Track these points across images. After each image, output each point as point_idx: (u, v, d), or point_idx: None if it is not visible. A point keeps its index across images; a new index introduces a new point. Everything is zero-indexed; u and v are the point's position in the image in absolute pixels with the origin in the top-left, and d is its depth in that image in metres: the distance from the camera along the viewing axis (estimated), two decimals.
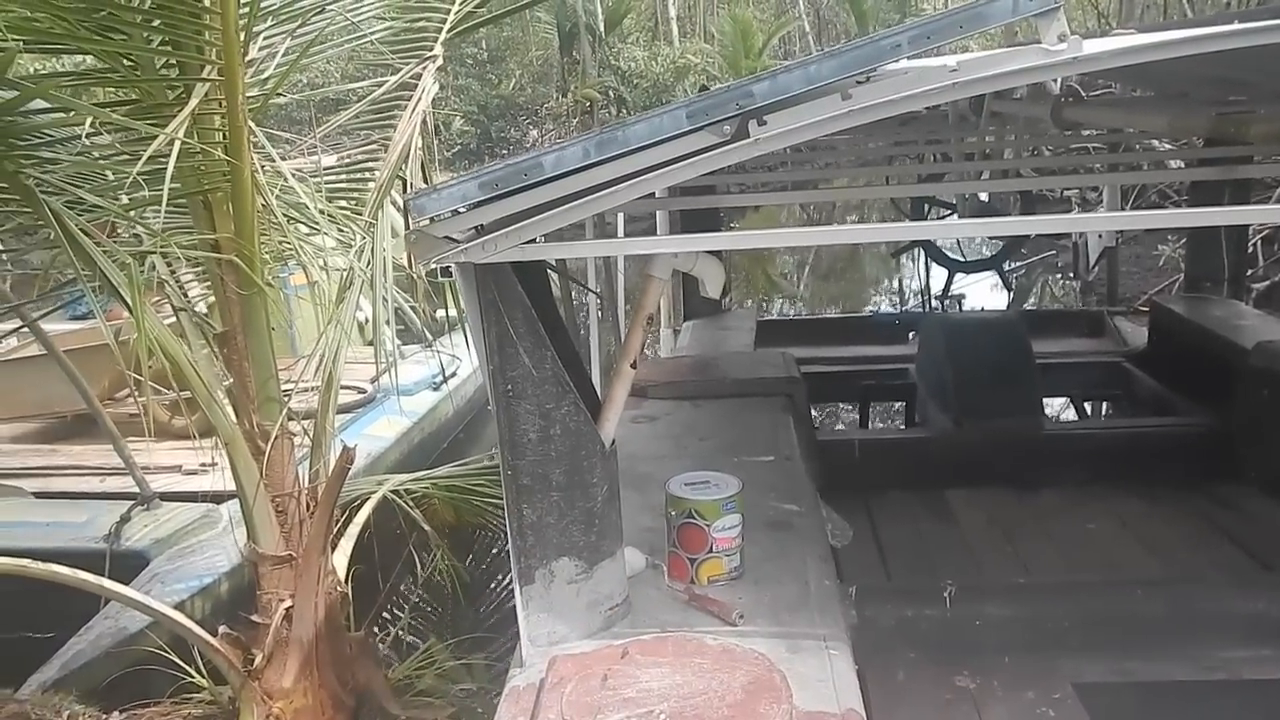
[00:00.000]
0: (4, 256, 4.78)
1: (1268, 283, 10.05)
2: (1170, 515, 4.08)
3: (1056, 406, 6.55)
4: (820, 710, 1.97)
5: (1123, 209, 8.14)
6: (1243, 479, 4.18)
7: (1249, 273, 9.36)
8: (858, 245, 16.34)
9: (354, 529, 3.74)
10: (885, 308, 13.49)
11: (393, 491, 4.42)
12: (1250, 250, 9.90)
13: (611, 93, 23.05)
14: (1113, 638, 3.08)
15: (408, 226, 3.04)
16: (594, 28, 23.91)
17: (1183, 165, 4.95)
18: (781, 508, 2.94)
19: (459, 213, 1.93)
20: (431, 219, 1.91)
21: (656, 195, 3.97)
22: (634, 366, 2.36)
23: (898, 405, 6.66)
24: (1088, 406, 6.26)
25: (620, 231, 4.61)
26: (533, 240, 1.96)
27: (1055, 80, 4.45)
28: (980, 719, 2.89)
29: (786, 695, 1.94)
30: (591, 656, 2.12)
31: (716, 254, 2.75)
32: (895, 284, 15.27)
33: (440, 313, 6.95)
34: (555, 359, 2.15)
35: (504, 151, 19.94)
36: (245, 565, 4.33)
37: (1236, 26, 1.90)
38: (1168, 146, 6.02)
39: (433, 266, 1.96)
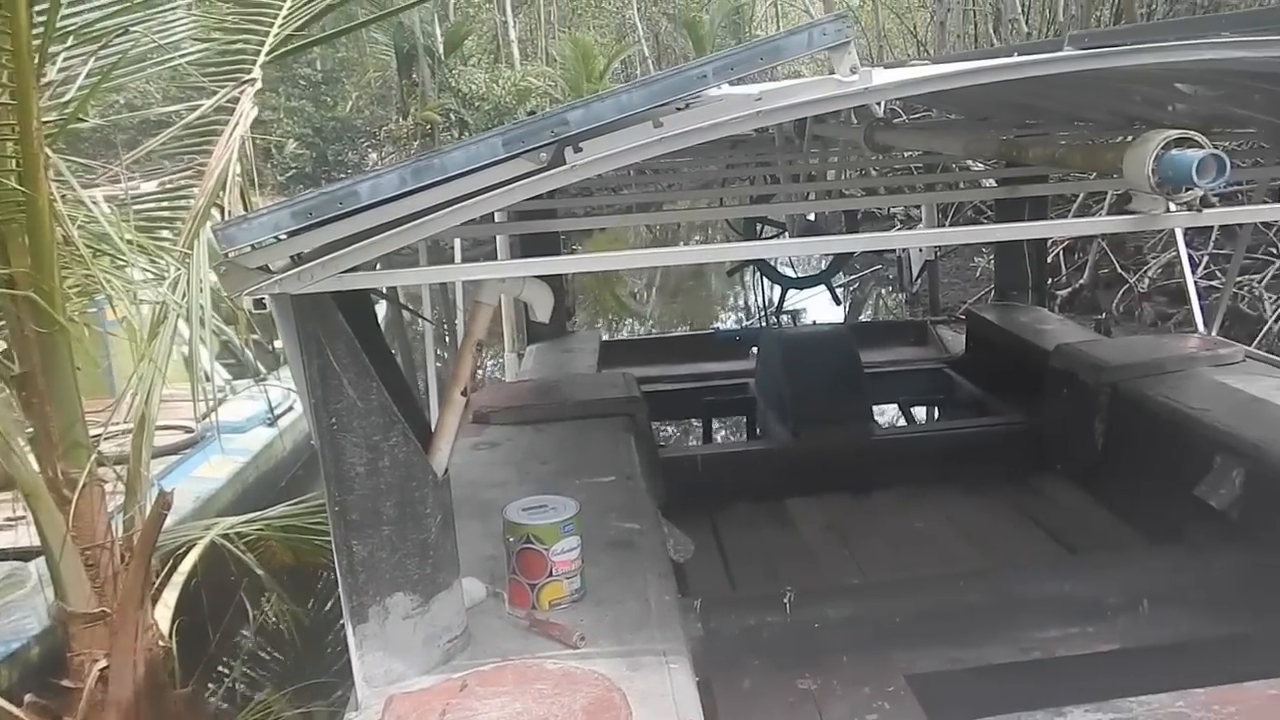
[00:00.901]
0: None
1: (1069, 289, 10.86)
2: (990, 508, 4.37)
3: (887, 413, 6.83)
4: None
5: (941, 225, 8.61)
6: (1051, 471, 4.52)
7: (1051, 281, 10.08)
8: (703, 264, 16.68)
9: (179, 578, 3.54)
10: (730, 324, 13.81)
11: (223, 535, 4.21)
12: (1052, 260, 10.65)
13: (453, 115, 22.87)
14: (941, 628, 3.25)
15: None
16: (433, 50, 23.70)
17: (993, 184, 5.29)
18: (622, 527, 2.95)
19: (277, 240, 1.87)
20: (250, 247, 1.84)
21: (496, 220, 3.96)
22: (465, 394, 2.33)
23: (739, 419, 6.79)
24: (916, 411, 6.56)
25: (458, 257, 4.56)
26: (353, 269, 1.91)
27: (880, 105, 4.70)
28: (821, 718, 2.99)
29: (626, 713, 1.95)
30: (429, 693, 2.07)
31: (556, 277, 2.76)
32: (740, 301, 15.66)
33: (274, 345, 6.73)
34: (382, 389, 2.10)
35: (341, 175, 19.46)
36: (55, 625, 4.06)
37: (1016, 60, 2.05)
38: (980, 167, 6.41)
39: (245, 299, 1.88)
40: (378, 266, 2.01)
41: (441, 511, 2.24)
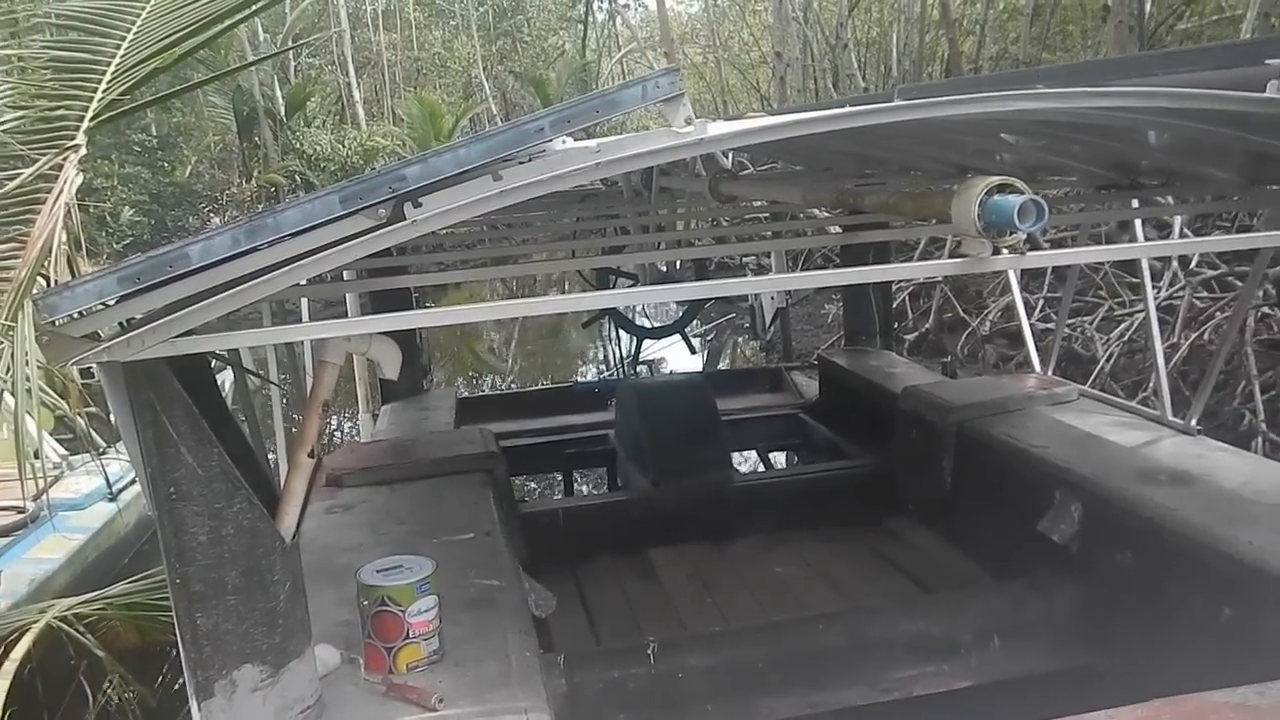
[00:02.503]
0: None
1: (916, 333, 11.36)
2: (846, 551, 4.45)
3: (747, 460, 6.97)
4: None
5: (790, 272, 8.90)
6: (904, 512, 4.62)
7: (898, 325, 10.51)
8: (563, 317, 16.73)
9: (10, 665, 3.32)
10: (591, 377, 13.86)
11: (60, 617, 3.97)
12: (898, 305, 11.15)
13: (298, 177, 22.44)
14: (801, 672, 3.31)
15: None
16: (274, 112, 23.25)
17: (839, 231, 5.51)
18: (482, 584, 2.93)
19: (106, 306, 1.82)
20: (70, 317, 1.78)
21: (345, 278, 3.91)
22: (313, 455, 2.29)
23: (601, 471, 6.82)
24: (774, 457, 6.71)
25: (305, 317, 4.47)
26: (188, 332, 1.87)
27: (727, 155, 4.87)
28: None
29: None
30: None
31: (410, 334, 2.74)
32: (600, 354, 15.73)
33: (114, 417, 6.42)
34: (223, 455, 2.04)
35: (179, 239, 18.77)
36: None
37: (847, 110, 2.16)
38: (825, 215, 6.68)
39: (71, 368, 1.82)
40: (215, 329, 1.97)
41: (291, 578, 2.19)
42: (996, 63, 15.92)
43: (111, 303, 1.80)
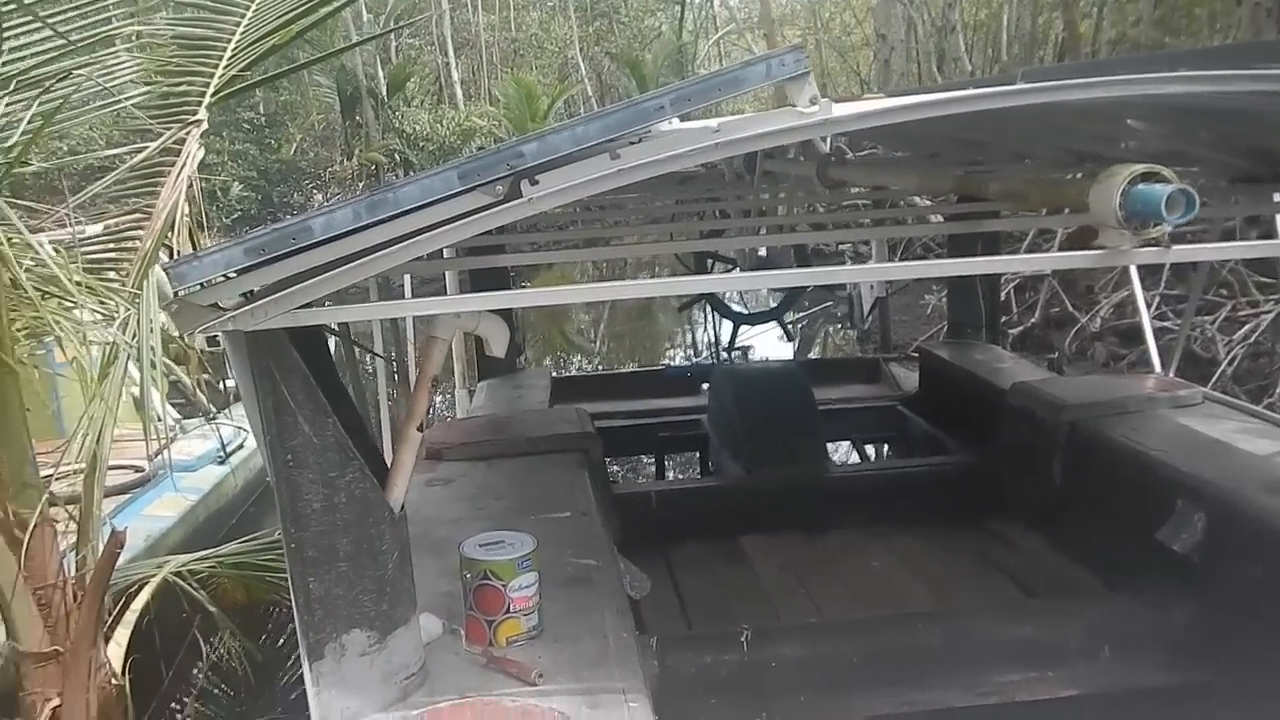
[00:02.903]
0: None
1: (1020, 328, 11.01)
2: (945, 550, 4.33)
3: (839, 450, 6.88)
4: None
5: (891, 262, 8.74)
6: (1007, 512, 4.46)
7: (1004, 319, 10.19)
8: (651, 301, 16.75)
9: (131, 616, 3.48)
10: (679, 361, 13.85)
11: (175, 573, 4.13)
12: (1003, 299, 10.82)
13: (397, 155, 22.85)
14: (898, 670, 3.25)
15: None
16: (376, 91, 23.70)
17: (941, 220, 5.37)
18: (579, 563, 2.95)
19: (228, 278, 1.87)
20: (201, 285, 1.84)
21: (445, 255, 3.98)
22: (421, 430, 2.34)
23: (692, 456, 6.81)
24: (869, 449, 6.60)
25: (408, 293, 4.55)
26: (307, 305, 1.92)
27: (825, 140, 4.79)
28: None
29: None
30: None
31: (505, 313, 2.77)
32: (689, 337, 15.73)
33: (225, 383, 6.64)
34: (337, 425, 2.09)
35: (287, 216, 19.29)
36: (7, 665, 3.95)
37: (969, 93, 2.10)
38: (928, 203, 6.53)
39: (198, 336, 1.88)
40: (326, 303, 2.02)
41: (399, 547, 2.23)
42: (1115, 46, 15.26)
43: (233, 274, 1.86)
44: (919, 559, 4.28)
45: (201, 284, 1.81)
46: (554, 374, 6.51)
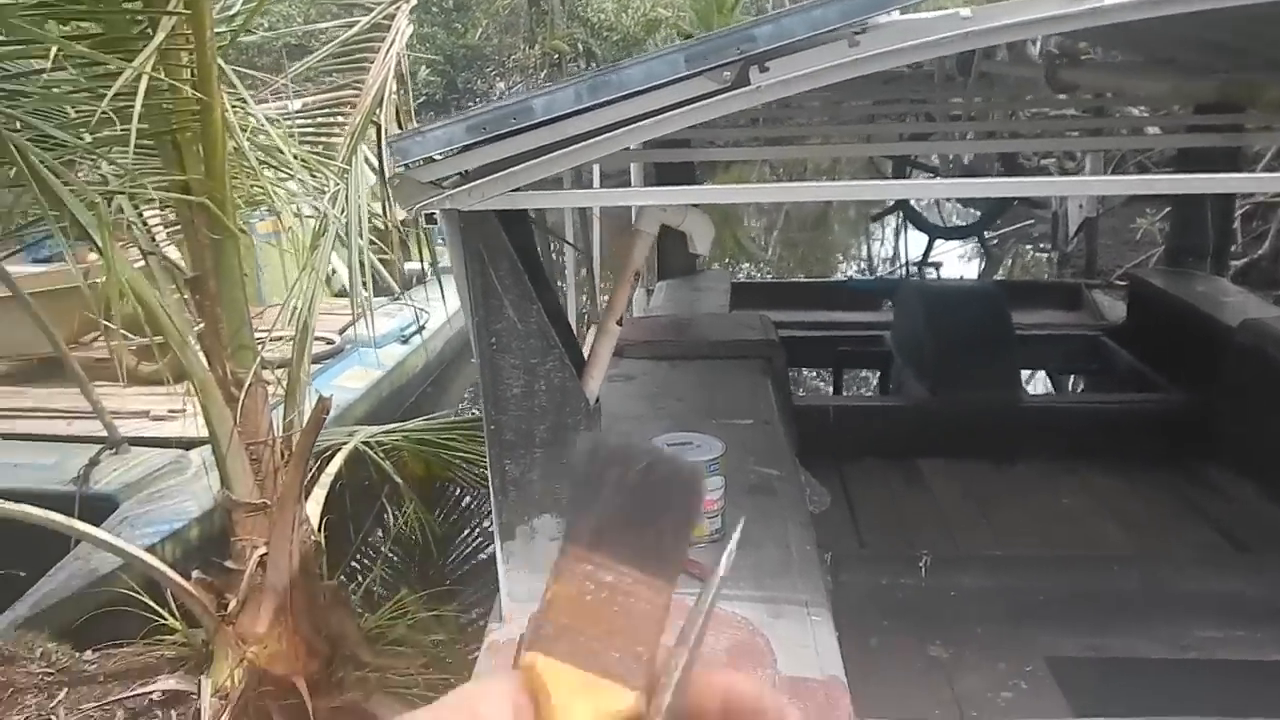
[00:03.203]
0: None
1: (1245, 260, 10.06)
2: (1146, 492, 4.06)
3: (1030, 379, 6.54)
4: (803, 676, 1.95)
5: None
6: (1221, 459, 4.14)
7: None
8: (827, 210, 16.29)
9: (326, 479, 3.67)
10: (853, 274, 13.46)
11: (364, 443, 4.34)
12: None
13: (580, 45, 22.71)
14: (1087, 613, 3.08)
15: (382, 172, 2.94)
16: None
17: (1171, 132, 4.89)
18: (762, 471, 2.90)
19: (446, 156, 1.86)
20: (418, 162, 1.83)
21: (631, 148, 3.89)
22: (620, 324, 2.31)
23: (866, 373, 6.63)
24: (1063, 380, 6.26)
25: (596, 183, 4.50)
26: (520, 188, 1.89)
27: (1035, 43, 4.41)
28: (952, 688, 2.89)
29: (770, 660, 1.92)
30: None
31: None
32: (863, 250, 15.26)
33: (409, 265, 6.86)
34: (541, 313, 2.09)
35: (470, 103, 19.59)
36: (215, 511, 4.27)
37: None
38: (1145, 114, 5.96)
39: (415, 213, 1.88)
40: (542, 188, 1.98)
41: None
42: None
43: (454, 151, 1.84)
44: (1116, 499, 4.03)
45: (424, 160, 1.80)
46: (734, 278, 6.39)
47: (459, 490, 5.65)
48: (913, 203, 8.14)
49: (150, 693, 3.19)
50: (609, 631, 0.47)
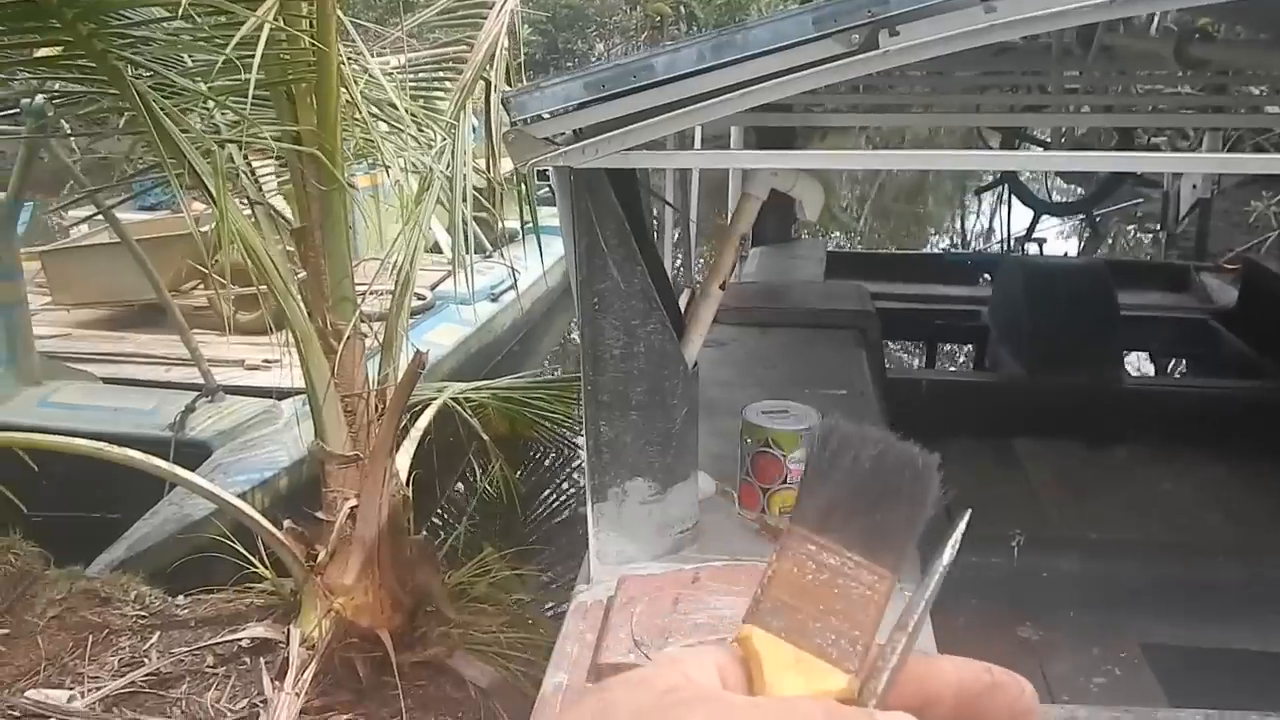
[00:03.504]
0: (77, 143, 4.79)
1: None
2: (1255, 483, 3.91)
3: (1133, 361, 6.35)
4: None
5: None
6: None
7: None
8: (923, 183, 15.96)
9: (415, 433, 3.73)
10: (948, 248, 13.17)
11: (453, 399, 4.40)
12: None
13: (683, 8, 22.47)
14: (1185, 602, 3.00)
15: (489, 129, 2.95)
16: None
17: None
18: None
19: (559, 114, 1.84)
20: (539, 117, 1.82)
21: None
22: (723, 288, 2.28)
23: (959, 348, 6.50)
24: (1167, 364, 6.06)
25: (698, 143, 4.45)
26: (633, 148, 1.87)
27: (1153, 18, 4.21)
28: (1043, 672, 2.84)
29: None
30: (661, 579, 2.07)
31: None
32: (957, 224, 14.93)
33: (500, 224, 6.91)
34: (644, 274, 2.06)
35: (569, 64, 19.59)
36: (305, 461, 4.37)
37: None
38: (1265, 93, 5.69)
39: (529, 169, 1.87)
40: (656, 148, 1.96)
41: (688, 404, 2.22)
42: None
43: (572, 108, 1.82)
44: (1220, 489, 3.90)
45: (540, 115, 1.79)
46: (829, 247, 6.31)
47: (542, 449, 5.72)
48: (1020, 177, 7.95)
49: (239, 639, 3.27)
50: (827, 612, 0.47)
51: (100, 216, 4.63)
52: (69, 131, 4.39)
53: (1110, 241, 12.84)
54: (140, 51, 2.63)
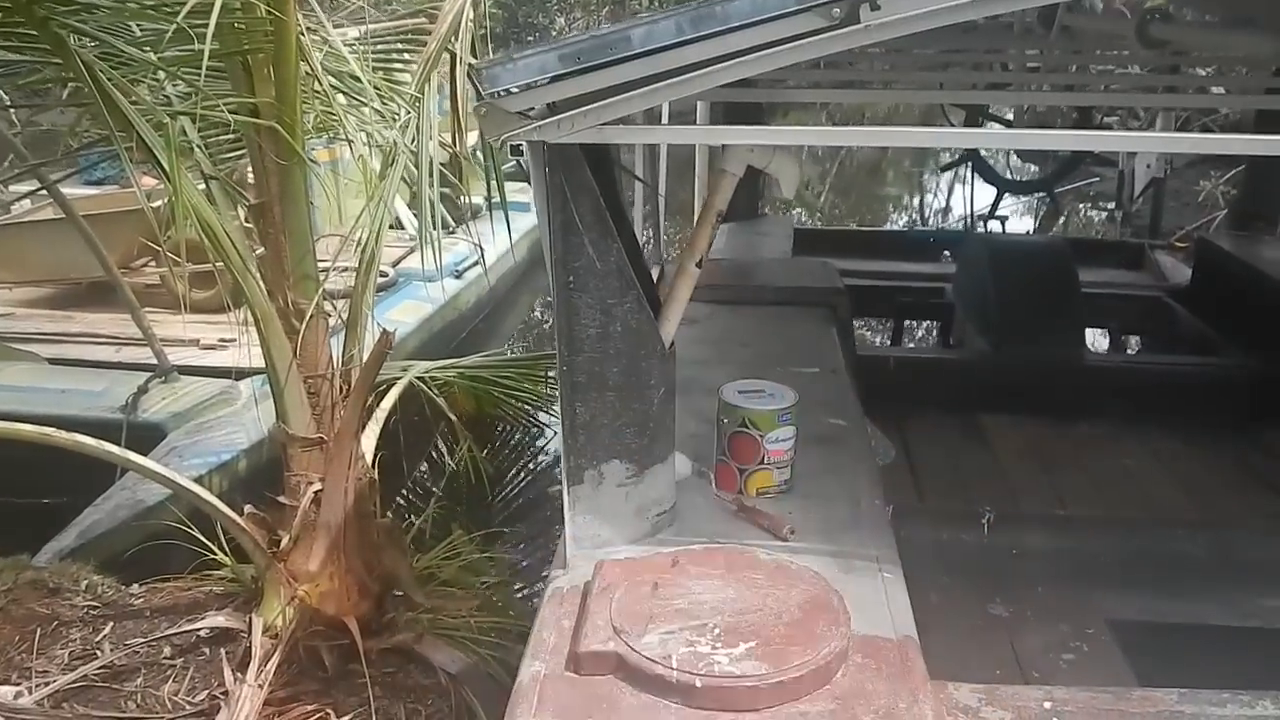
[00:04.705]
0: (18, 116, 4.61)
1: None
2: (1209, 457, 4.00)
3: (1090, 339, 6.42)
4: (877, 635, 1.90)
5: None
6: None
7: None
8: (881, 160, 16.07)
9: (380, 413, 3.65)
10: (908, 225, 13.27)
11: (418, 378, 4.33)
12: None
13: None
14: (1150, 577, 3.04)
15: (455, 102, 2.87)
16: None
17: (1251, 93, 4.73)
18: (829, 422, 2.84)
19: (530, 88, 1.78)
20: (510, 90, 1.76)
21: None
22: (699, 266, 2.24)
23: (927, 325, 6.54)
24: (1124, 341, 6.15)
25: (665, 119, 4.39)
26: (609, 122, 1.81)
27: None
28: (1013, 648, 2.86)
29: (844, 618, 1.86)
30: (640, 564, 2.04)
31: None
32: (914, 201, 15.04)
33: (465, 199, 6.81)
34: (621, 252, 2.02)
35: (530, 38, 19.38)
36: (265, 443, 4.27)
37: None
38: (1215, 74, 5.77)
39: (501, 144, 1.81)
40: (631, 123, 1.91)
41: (665, 384, 2.18)
42: None
43: (546, 81, 1.76)
44: (1179, 464, 3.97)
45: (512, 89, 1.73)
46: (796, 224, 6.29)
47: (509, 428, 5.66)
48: (983, 155, 7.99)
49: (198, 629, 3.17)
50: None
51: (44, 191, 4.46)
52: (8, 103, 4.23)
53: (1064, 220, 13.00)
54: (85, 19, 2.52)
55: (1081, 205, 12.85)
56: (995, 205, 6.92)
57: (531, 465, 5.79)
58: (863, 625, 1.90)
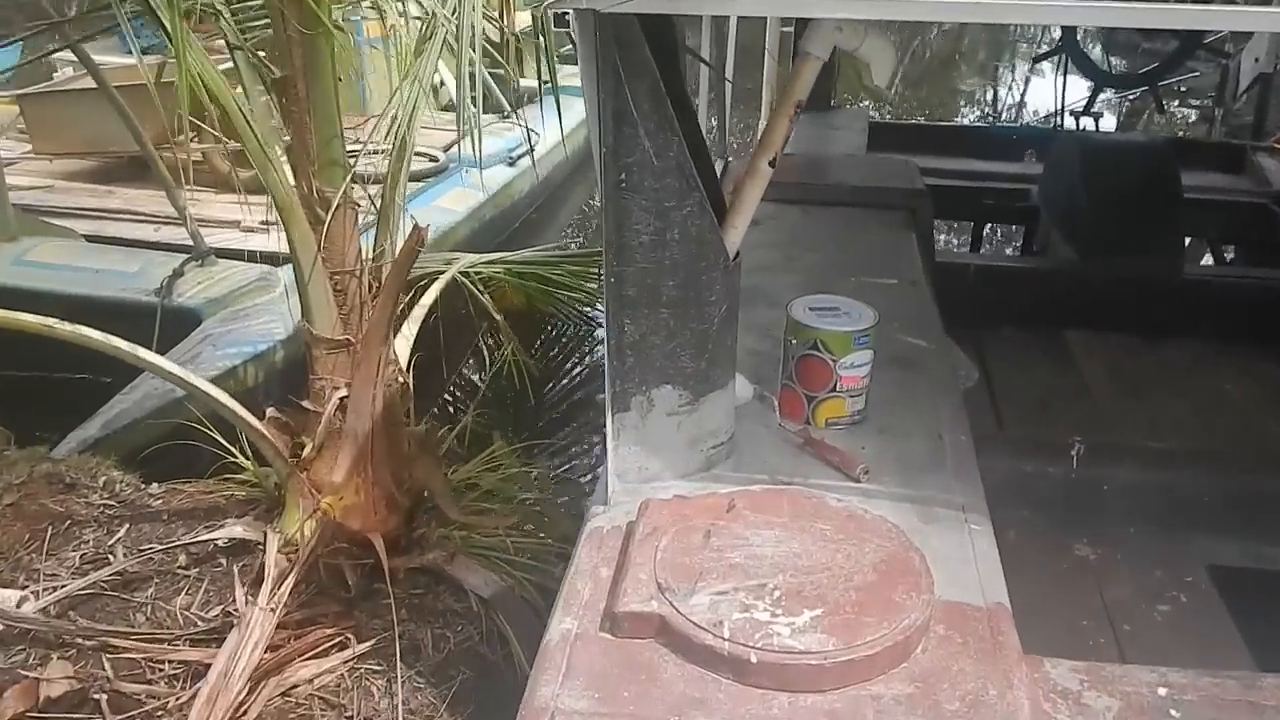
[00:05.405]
0: None
1: None
2: None
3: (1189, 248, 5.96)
4: (963, 602, 1.65)
5: None
6: None
7: None
8: (959, 48, 15.38)
9: (419, 311, 3.41)
10: (990, 121, 12.64)
11: (463, 273, 4.07)
12: None
13: None
14: (1258, 519, 2.74)
15: None
16: None
17: None
18: (908, 341, 2.54)
19: None
20: None
21: None
22: (773, 164, 1.93)
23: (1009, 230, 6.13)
24: (1221, 252, 5.69)
25: None
26: None
27: None
28: (1101, 595, 2.61)
29: (927, 583, 1.61)
30: (691, 505, 1.79)
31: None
32: (988, 95, 14.37)
33: (521, 82, 6.45)
34: (682, 147, 1.72)
35: None
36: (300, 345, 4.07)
37: None
38: None
39: (545, 12, 1.51)
40: None
41: (728, 301, 1.90)
42: None
43: None
44: None
45: None
46: (870, 118, 5.87)
47: (560, 325, 5.42)
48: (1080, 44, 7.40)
49: (215, 539, 3.00)
50: None
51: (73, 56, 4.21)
52: None
53: (1149, 118, 12.21)
54: None
55: (1172, 101, 12.05)
56: (1092, 100, 6.38)
57: (584, 361, 5.55)
58: (946, 589, 1.65)
